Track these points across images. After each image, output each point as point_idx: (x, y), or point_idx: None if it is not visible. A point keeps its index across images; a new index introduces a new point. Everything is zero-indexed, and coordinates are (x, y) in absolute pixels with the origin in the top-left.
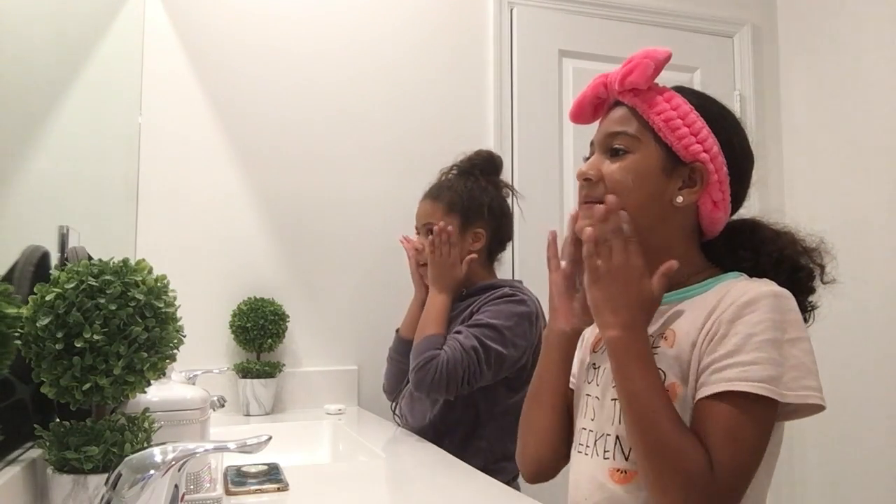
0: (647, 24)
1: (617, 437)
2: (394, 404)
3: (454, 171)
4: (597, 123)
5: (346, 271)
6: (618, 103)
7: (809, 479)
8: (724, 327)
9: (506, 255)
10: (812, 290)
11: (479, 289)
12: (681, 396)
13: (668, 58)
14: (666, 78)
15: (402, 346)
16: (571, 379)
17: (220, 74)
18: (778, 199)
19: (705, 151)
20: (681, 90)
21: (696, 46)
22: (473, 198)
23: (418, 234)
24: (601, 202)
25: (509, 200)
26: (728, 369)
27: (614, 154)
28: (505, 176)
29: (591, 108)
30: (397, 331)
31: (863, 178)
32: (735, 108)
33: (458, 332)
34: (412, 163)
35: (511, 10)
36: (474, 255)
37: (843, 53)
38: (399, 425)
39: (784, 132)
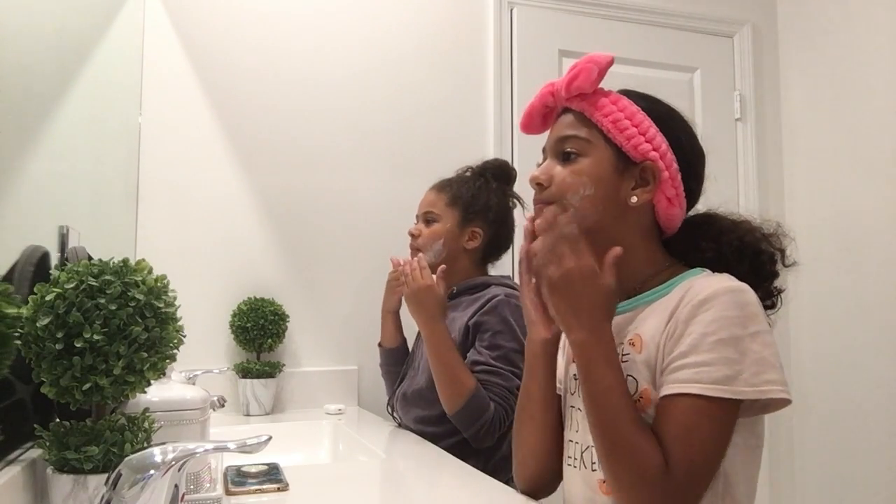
0: (647, 24)
1: None
2: (389, 406)
3: (468, 173)
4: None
5: (346, 271)
6: (566, 110)
7: (809, 479)
8: (680, 327)
9: (505, 256)
10: (775, 275)
11: (468, 288)
12: (654, 401)
13: (611, 62)
14: (666, 78)
15: (390, 357)
16: (558, 385)
17: (220, 75)
18: (778, 199)
19: (654, 150)
20: (627, 93)
21: (696, 46)
22: (477, 197)
23: (417, 221)
24: (552, 203)
25: (515, 212)
26: (682, 370)
27: (566, 158)
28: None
29: (540, 117)
30: (380, 345)
31: (863, 178)
32: (735, 108)
33: (493, 373)
34: (412, 163)
35: (511, 10)
36: (443, 267)
37: (843, 53)
38: (398, 425)
39: (784, 132)
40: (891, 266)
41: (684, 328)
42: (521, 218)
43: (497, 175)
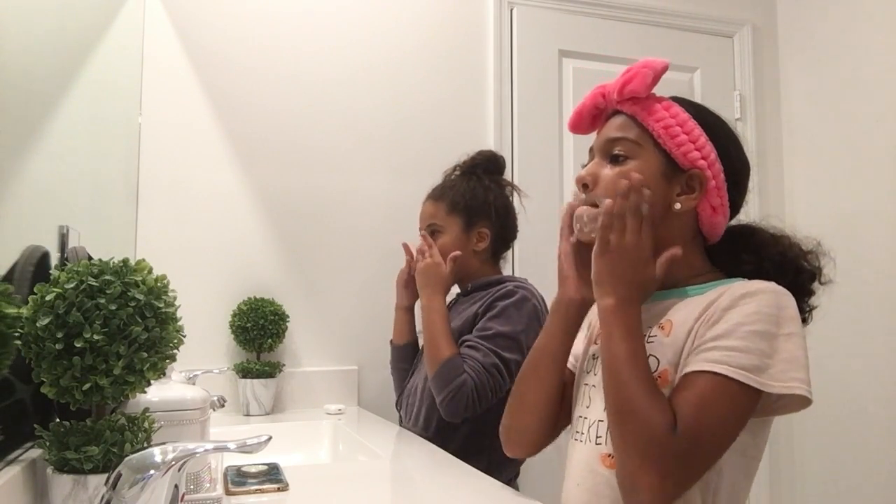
0: (647, 24)
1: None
2: (397, 404)
3: (457, 172)
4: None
5: (346, 271)
6: (616, 112)
7: (809, 479)
8: (718, 313)
9: (506, 253)
10: (812, 293)
11: (484, 284)
12: (671, 382)
13: (666, 68)
14: (665, 78)
15: (400, 353)
16: (572, 359)
17: (219, 74)
18: (778, 199)
19: (703, 158)
20: (678, 100)
21: (696, 46)
22: (476, 197)
23: (423, 235)
24: (597, 206)
25: (513, 199)
26: (713, 351)
27: (614, 160)
28: (505, 175)
29: (590, 118)
30: (391, 341)
31: (863, 178)
32: (735, 108)
33: (474, 348)
34: (413, 162)
35: (511, 10)
36: (458, 253)
37: (843, 53)
38: (401, 423)
39: (784, 132)
40: (891, 266)
41: (722, 315)
42: (519, 206)
43: (488, 168)
